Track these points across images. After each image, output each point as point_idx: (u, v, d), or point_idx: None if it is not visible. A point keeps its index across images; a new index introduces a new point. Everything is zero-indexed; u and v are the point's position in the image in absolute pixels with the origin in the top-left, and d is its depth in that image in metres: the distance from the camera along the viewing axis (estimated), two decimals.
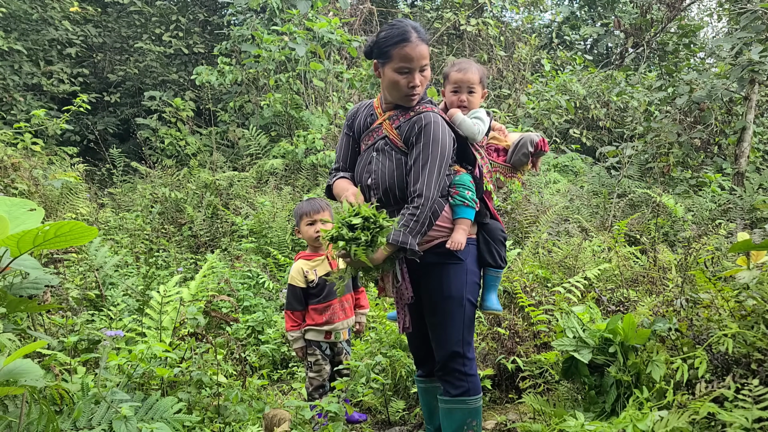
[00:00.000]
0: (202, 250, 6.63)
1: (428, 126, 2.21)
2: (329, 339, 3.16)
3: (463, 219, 2.31)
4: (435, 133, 2.20)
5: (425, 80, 2.26)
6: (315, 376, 3.15)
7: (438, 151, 2.19)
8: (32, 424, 2.06)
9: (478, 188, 2.38)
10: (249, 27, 9.53)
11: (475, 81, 2.43)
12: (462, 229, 2.31)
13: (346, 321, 3.20)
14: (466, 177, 2.36)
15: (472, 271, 2.37)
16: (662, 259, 4.94)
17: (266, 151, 9.05)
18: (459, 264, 2.33)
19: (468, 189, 2.32)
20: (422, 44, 2.21)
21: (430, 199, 2.18)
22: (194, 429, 2.60)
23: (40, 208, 2.19)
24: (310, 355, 3.16)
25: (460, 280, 2.33)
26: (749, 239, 2.34)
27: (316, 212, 3.13)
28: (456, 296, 2.33)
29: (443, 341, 2.36)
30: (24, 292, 2.24)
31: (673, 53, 10.80)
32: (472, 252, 2.38)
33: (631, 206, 7.37)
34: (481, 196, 2.40)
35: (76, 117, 9.61)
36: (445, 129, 2.25)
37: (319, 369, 3.15)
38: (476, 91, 2.43)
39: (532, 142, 2.44)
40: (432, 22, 12.45)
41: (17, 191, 5.62)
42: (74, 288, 4.28)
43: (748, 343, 2.29)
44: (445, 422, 2.39)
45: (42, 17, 10.53)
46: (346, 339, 3.26)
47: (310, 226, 3.13)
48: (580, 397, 2.83)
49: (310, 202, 3.21)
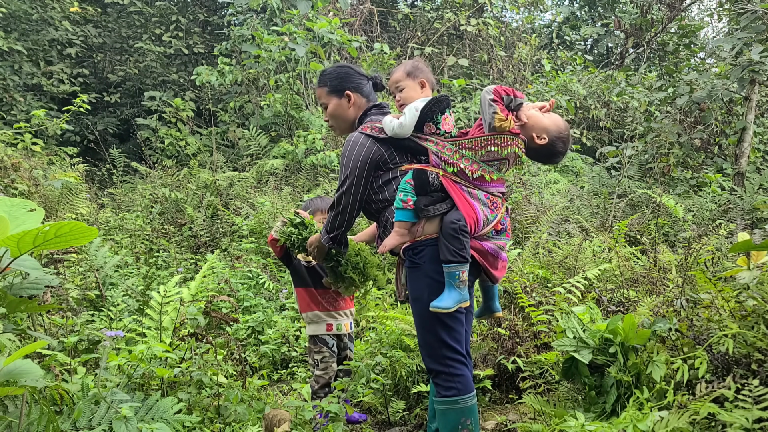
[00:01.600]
0: (202, 250, 6.63)
1: (344, 147, 2.50)
2: (331, 330, 3.17)
3: (398, 222, 2.35)
4: (345, 152, 2.49)
5: (328, 116, 2.69)
6: (321, 374, 3.15)
7: (347, 166, 2.45)
8: (32, 425, 2.06)
9: (426, 182, 2.31)
10: (249, 27, 9.53)
11: (398, 78, 2.52)
12: (394, 231, 2.36)
13: (348, 310, 3.24)
14: (405, 178, 2.35)
15: (431, 271, 2.32)
16: (662, 260, 4.94)
17: (266, 152, 9.05)
18: (417, 267, 2.35)
19: (402, 191, 2.32)
20: (318, 88, 2.67)
21: (341, 205, 2.47)
22: (194, 429, 2.60)
23: (40, 208, 2.19)
24: (317, 353, 3.16)
25: (419, 283, 2.35)
26: (749, 239, 2.34)
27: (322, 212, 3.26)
28: (417, 298, 2.35)
29: (421, 344, 2.40)
30: (24, 292, 2.24)
31: (674, 53, 10.79)
32: (429, 254, 2.33)
33: (632, 206, 7.37)
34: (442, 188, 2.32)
35: (76, 117, 9.62)
36: (357, 144, 2.45)
37: (326, 366, 3.15)
38: (405, 86, 2.50)
39: (488, 92, 2.36)
40: (432, 22, 12.45)
41: (17, 191, 5.62)
42: (74, 288, 4.28)
43: (748, 343, 2.29)
44: (441, 423, 2.39)
45: (42, 17, 10.53)
46: (349, 333, 3.27)
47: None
48: (580, 398, 2.83)
49: (324, 199, 3.35)
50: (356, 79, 2.64)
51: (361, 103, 2.63)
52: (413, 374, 3.39)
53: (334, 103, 2.63)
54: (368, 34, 11.99)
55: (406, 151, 2.45)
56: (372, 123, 2.51)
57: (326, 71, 2.68)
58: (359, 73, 2.67)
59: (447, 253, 2.27)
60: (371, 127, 2.48)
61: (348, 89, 2.61)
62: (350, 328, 3.28)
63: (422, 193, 2.31)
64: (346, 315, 3.25)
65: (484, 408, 3.31)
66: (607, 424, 2.31)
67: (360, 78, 2.66)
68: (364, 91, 2.64)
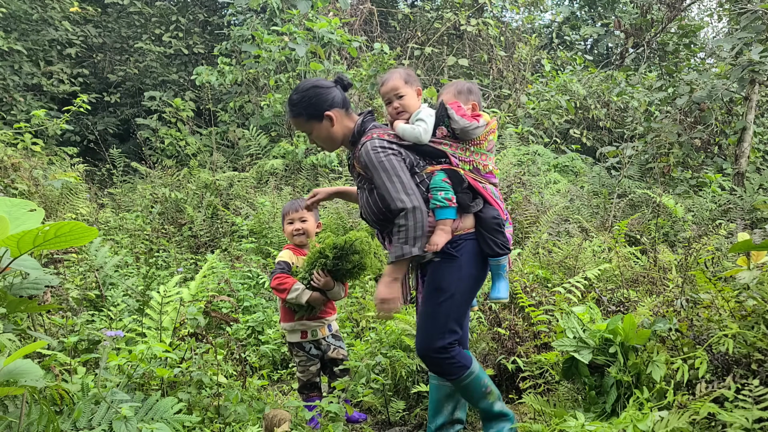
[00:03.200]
0: (202, 250, 6.63)
1: (365, 156, 2.41)
2: (306, 338, 3.16)
3: (442, 220, 2.41)
4: (370, 158, 2.39)
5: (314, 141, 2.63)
6: (301, 376, 3.20)
7: (383, 169, 2.36)
8: (32, 425, 2.06)
9: (459, 181, 2.43)
10: (249, 27, 9.53)
11: (398, 86, 2.52)
12: (441, 230, 2.41)
13: (324, 319, 3.21)
14: (439, 177, 2.43)
15: (468, 263, 2.44)
16: (662, 260, 4.94)
17: (266, 152, 9.05)
18: (453, 259, 2.43)
19: (441, 189, 2.40)
20: (293, 119, 2.58)
21: (410, 208, 2.31)
22: (194, 429, 2.60)
23: (40, 208, 2.18)
24: (296, 356, 3.19)
25: (452, 274, 2.43)
26: (749, 239, 2.34)
27: (295, 211, 3.25)
28: (444, 289, 2.42)
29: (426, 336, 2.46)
30: (24, 292, 2.24)
31: (674, 53, 10.80)
32: (468, 247, 2.44)
33: (632, 206, 7.37)
34: (469, 185, 2.45)
35: (76, 117, 9.61)
36: (387, 149, 2.41)
37: (303, 369, 3.18)
38: (405, 93, 2.51)
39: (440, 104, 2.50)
40: (432, 22, 12.45)
41: (17, 191, 5.62)
42: (74, 288, 4.27)
43: (748, 343, 2.28)
44: (468, 398, 2.56)
45: (42, 17, 10.53)
46: (332, 334, 3.25)
47: (289, 224, 3.27)
48: (580, 398, 2.83)
49: (291, 201, 3.35)
50: (328, 95, 2.51)
51: (341, 116, 2.54)
52: (413, 374, 3.39)
53: (317, 128, 2.54)
54: (368, 34, 12.00)
55: (424, 155, 2.50)
56: (382, 130, 2.49)
57: (294, 100, 2.52)
58: (327, 86, 2.54)
59: (494, 246, 2.43)
60: (386, 133, 2.48)
61: (325, 110, 2.50)
62: (329, 330, 3.24)
63: (457, 191, 2.42)
64: (323, 321, 3.21)
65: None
66: (607, 424, 2.30)
67: (330, 91, 2.52)
68: (340, 102, 2.54)
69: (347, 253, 2.97)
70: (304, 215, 3.23)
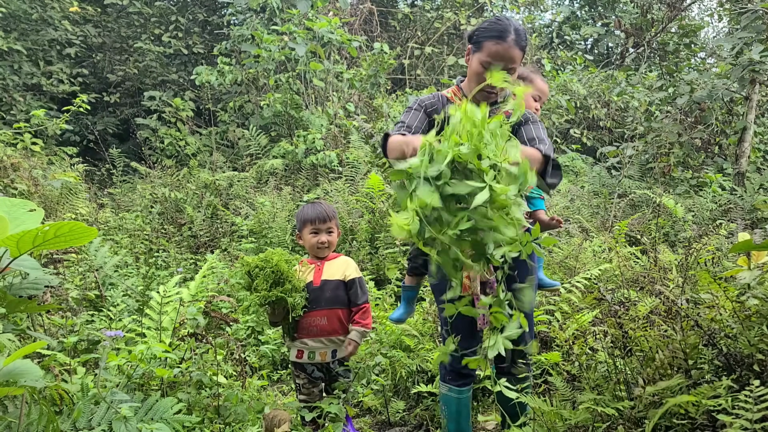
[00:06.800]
0: (202, 250, 6.62)
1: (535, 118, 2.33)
2: (301, 358, 2.81)
3: (542, 210, 2.55)
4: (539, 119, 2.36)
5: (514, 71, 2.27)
6: (303, 398, 2.88)
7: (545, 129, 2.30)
8: (32, 425, 2.06)
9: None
10: (249, 27, 9.53)
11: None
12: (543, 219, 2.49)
13: (324, 339, 2.80)
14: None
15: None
16: (663, 260, 4.94)
17: (266, 151, 9.04)
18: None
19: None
20: (515, 49, 2.21)
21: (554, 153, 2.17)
22: (194, 429, 2.60)
23: (40, 208, 2.18)
24: (297, 377, 2.88)
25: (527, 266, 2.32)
26: (750, 239, 2.34)
27: (323, 222, 2.83)
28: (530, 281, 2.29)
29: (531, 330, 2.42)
30: (24, 292, 2.23)
31: (674, 53, 10.79)
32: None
33: (632, 206, 7.36)
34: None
35: (75, 117, 9.61)
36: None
37: (308, 392, 2.88)
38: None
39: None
40: (432, 22, 12.45)
41: (17, 191, 5.62)
42: (74, 288, 4.27)
43: (751, 343, 2.28)
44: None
45: (42, 17, 10.52)
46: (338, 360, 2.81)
47: (314, 235, 2.84)
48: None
49: (316, 207, 2.88)
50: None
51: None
52: (413, 374, 3.39)
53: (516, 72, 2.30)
54: (368, 33, 11.99)
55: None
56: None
57: (519, 29, 2.24)
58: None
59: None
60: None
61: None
62: (329, 357, 2.80)
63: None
64: (323, 343, 2.79)
65: (484, 408, 3.30)
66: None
67: None
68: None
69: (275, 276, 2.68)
70: (332, 226, 2.85)
